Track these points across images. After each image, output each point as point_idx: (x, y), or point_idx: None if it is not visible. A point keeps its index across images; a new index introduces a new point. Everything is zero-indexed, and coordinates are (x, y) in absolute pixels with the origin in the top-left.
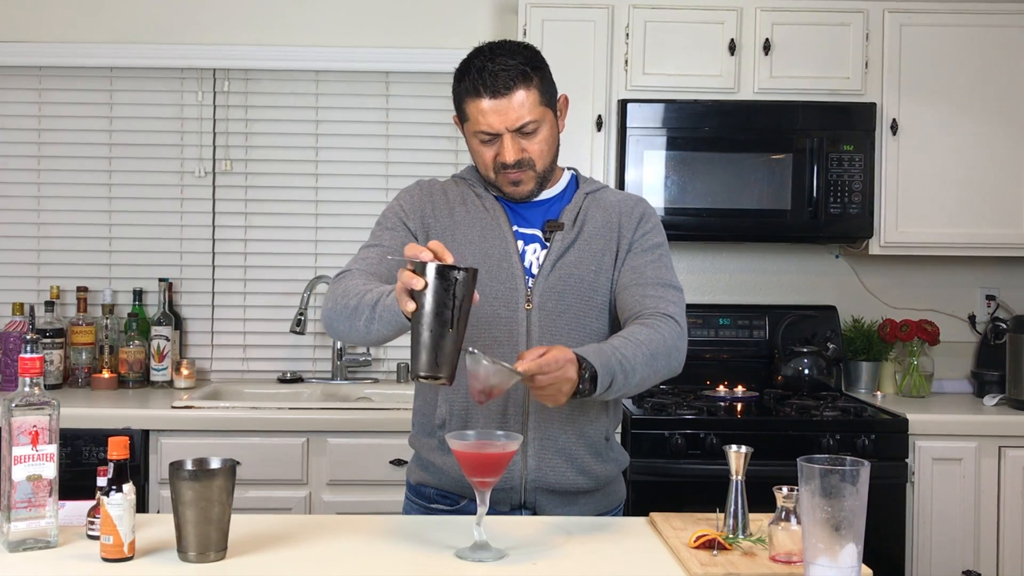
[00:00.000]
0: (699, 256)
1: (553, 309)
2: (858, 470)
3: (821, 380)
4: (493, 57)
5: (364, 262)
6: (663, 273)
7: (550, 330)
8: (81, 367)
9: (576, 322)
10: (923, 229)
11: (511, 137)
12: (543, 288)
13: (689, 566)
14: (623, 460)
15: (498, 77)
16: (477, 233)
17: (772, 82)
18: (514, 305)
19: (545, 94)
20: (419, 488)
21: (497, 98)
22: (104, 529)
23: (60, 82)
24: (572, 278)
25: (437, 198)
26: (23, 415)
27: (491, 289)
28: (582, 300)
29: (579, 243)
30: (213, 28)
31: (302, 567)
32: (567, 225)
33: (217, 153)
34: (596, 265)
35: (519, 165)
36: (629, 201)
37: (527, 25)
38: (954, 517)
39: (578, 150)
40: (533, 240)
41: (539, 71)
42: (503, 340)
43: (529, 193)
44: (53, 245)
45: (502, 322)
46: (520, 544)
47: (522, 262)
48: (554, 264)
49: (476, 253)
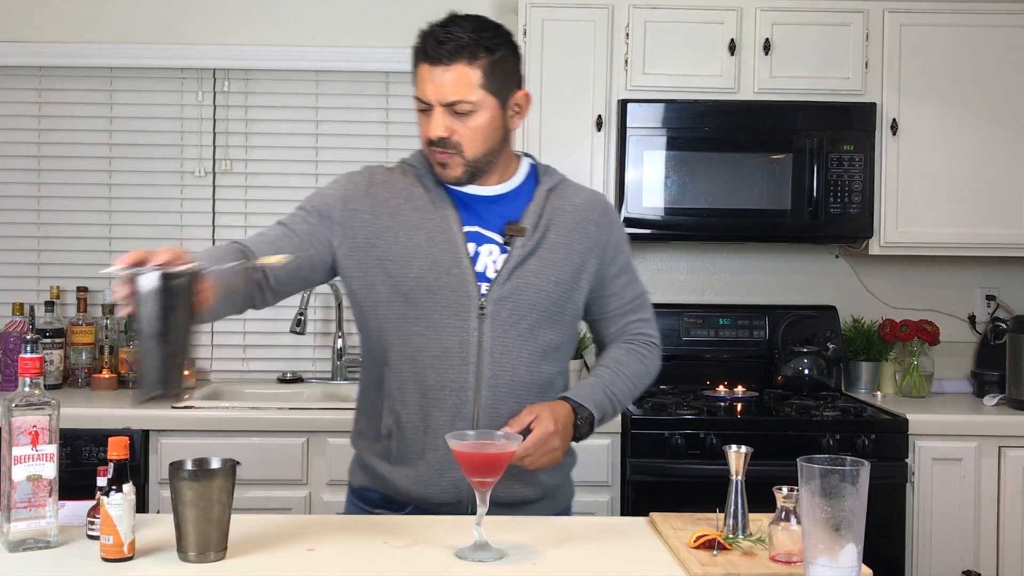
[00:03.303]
0: (699, 256)
1: (507, 319)
2: (858, 470)
3: (821, 380)
4: (449, 25)
5: (257, 237)
6: (636, 288)
7: (502, 340)
8: (81, 367)
9: (529, 333)
10: (923, 229)
11: (441, 111)
12: (498, 296)
13: (689, 566)
14: (571, 462)
15: (442, 45)
16: (424, 236)
17: (772, 82)
18: (465, 314)
19: (493, 79)
20: (362, 492)
21: (436, 66)
22: (104, 529)
23: (60, 82)
24: (530, 288)
25: (380, 194)
26: (23, 415)
27: (440, 297)
28: (537, 311)
29: (541, 251)
30: (213, 28)
31: (302, 567)
32: (529, 229)
33: (217, 153)
34: (557, 276)
35: (443, 144)
36: (596, 205)
37: (527, 25)
38: (954, 517)
39: (578, 150)
40: (487, 241)
41: (493, 53)
42: (453, 351)
43: (456, 179)
44: (53, 245)
45: (452, 332)
46: (520, 544)
47: (474, 266)
48: (512, 271)
49: (422, 258)
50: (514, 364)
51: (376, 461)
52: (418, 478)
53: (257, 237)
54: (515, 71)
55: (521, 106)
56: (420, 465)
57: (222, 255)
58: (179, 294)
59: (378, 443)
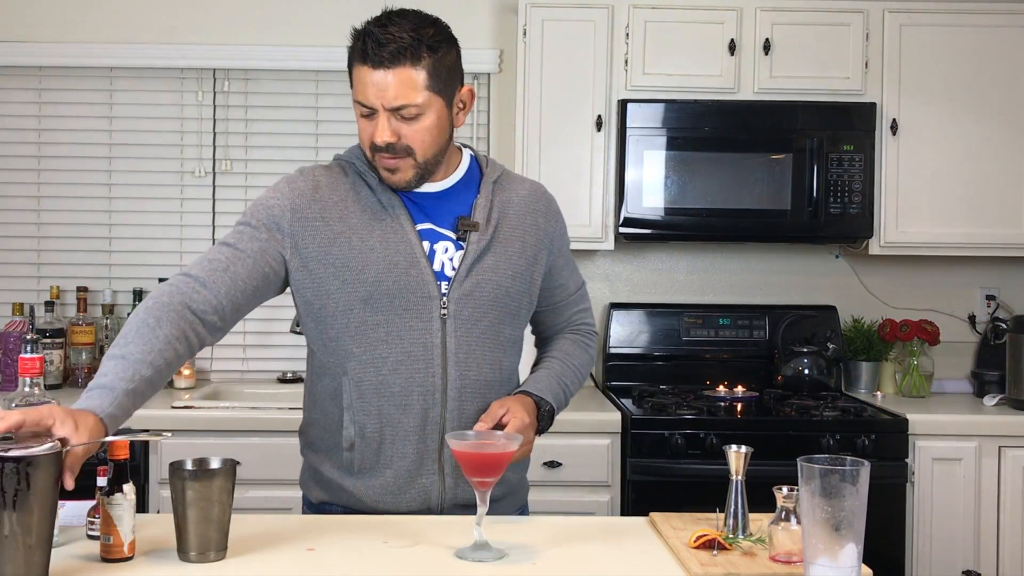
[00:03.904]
0: (699, 256)
1: (469, 317)
2: (858, 470)
3: (821, 380)
4: (387, 24)
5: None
6: (577, 276)
7: (466, 340)
8: (81, 367)
9: (491, 330)
10: (923, 229)
11: (387, 116)
12: (459, 294)
13: (689, 566)
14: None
15: (383, 48)
16: (378, 238)
17: (772, 82)
18: (428, 315)
19: (437, 79)
20: (322, 507)
21: (377, 69)
22: (104, 529)
23: (60, 82)
24: (490, 283)
25: (327, 198)
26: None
27: (401, 299)
28: (498, 306)
29: (496, 245)
30: (213, 28)
31: (302, 567)
32: (482, 224)
33: (217, 153)
34: (512, 270)
35: (392, 149)
36: (540, 196)
37: (527, 25)
38: (954, 517)
39: (578, 150)
40: (442, 238)
41: (436, 52)
42: (418, 355)
43: (407, 183)
44: (53, 245)
45: (415, 334)
46: (520, 544)
47: (431, 265)
48: (470, 268)
49: (379, 261)
50: (479, 363)
51: (336, 474)
52: (385, 488)
53: (207, 264)
54: (458, 67)
55: (466, 102)
56: (387, 475)
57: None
58: (37, 480)
59: (337, 455)
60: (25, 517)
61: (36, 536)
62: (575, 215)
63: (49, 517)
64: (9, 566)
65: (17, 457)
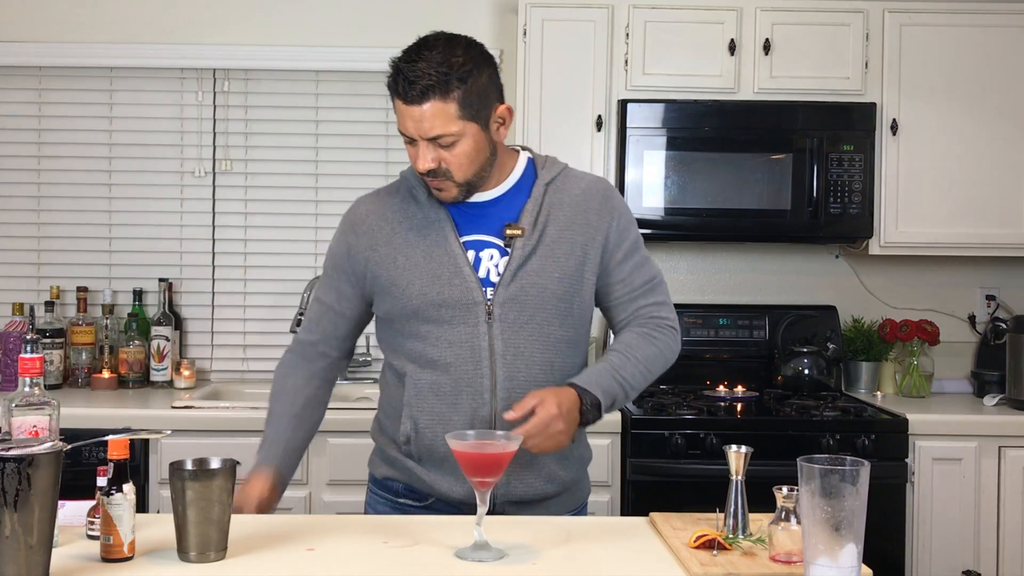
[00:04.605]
0: (699, 256)
1: (515, 320)
2: (858, 470)
3: (821, 380)
4: (416, 60)
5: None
6: (647, 271)
7: (513, 342)
8: (81, 367)
9: (540, 331)
10: (923, 229)
11: (426, 145)
12: (503, 299)
13: (689, 566)
14: (587, 457)
15: (413, 85)
16: (421, 254)
17: (772, 82)
18: (474, 320)
19: (469, 107)
20: (385, 482)
21: (411, 105)
22: (104, 529)
23: (60, 82)
24: (535, 287)
25: (373, 225)
26: (23, 415)
27: (447, 309)
28: (545, 309)
29: (541, 248)
30: (213, 28)
31: (302, 567)
32: (527, 229)
33: (217, 153)
34: (560, 272)
35: (433, 174)
36: (595, 193)
37: (527, 25)
38: (954, 517)
39: (578, 150)
40: (488, 246)
41: (465, 82)
42: (466, 357)
43: (454, 199)
44: (53, 245)
45: (464, 338)
46: (520, 544)
47: (476, 273)
48: (515, 273)
49: (424, 275)
50: (527, 363)
51: (399, 455)
52: (442, 477)
53: (308, 325)
54: (491, 87)
55: (505, 118)
56: (445, 466)
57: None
58: (38, 479)
59: (399, 443)
60: (26, 517)
61: (37, 536)
62: None
63: (50, 517)
64: (10, 566)
65: (18, 457)
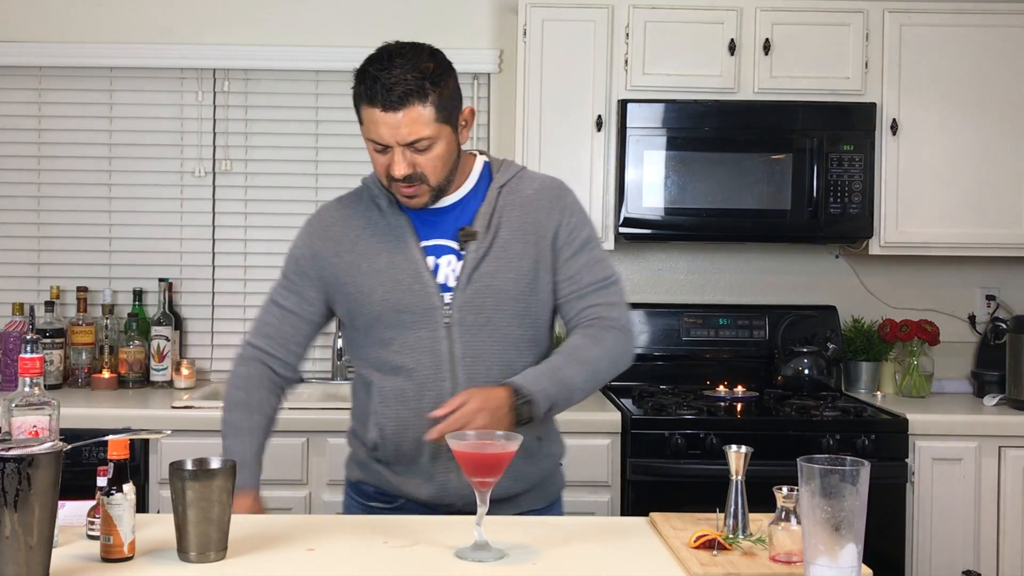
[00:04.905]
0: (699, 256)
1: (473, 323)
2: (858, 470)
3: (821, 380)
4: (390, 67)
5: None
6: (599, 271)
7: (472, 344)
8: (81, 367)
9: (498, 333)
10: (923, 229)
11: (402, 151)
12: (461, 302)
13: (689, 566)
14: (558, 453)
15: (392, 90)
16: (384, 260)
17: (772, 82)
18: (433, 325)
19: (443, 110)
20: (358, 485)
21: (389, 111)
22: (104, 529)
23: (60, 82)
24: (490, 289)
25: (338, 232)
26: (23, 415)
27: (407, 314)
28: (503, 310)
29: (494, 250)
30: (213, 28)
31: (302, 567)
32: (480, 232)
33: (217, 153)
34: (515, 272)
35: (409, 179)
36: (547, 193)
37: (527, 25)
38: (954, 517)
39: (578, 150)
40: (446, 252)
41: (438, 86)
42: (427, 362)
43: (424, 204)
44: (53, 245)
45: (424, 343)
46: (520, 544)
47: (435, 278)
48: (470, 276)
49: (385, 282)
50: (487, 365)
51: (368, 459)
52: (410, 479)
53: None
54: (458, 92)
55: (468, 120)
56: (412, 469)
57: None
58: (38, 479)
59: (368, 448)
60: (26, 517)
61: (37, 536)
62: None
63: (50, 517)
64: (11, 566)
65: (18, 456)
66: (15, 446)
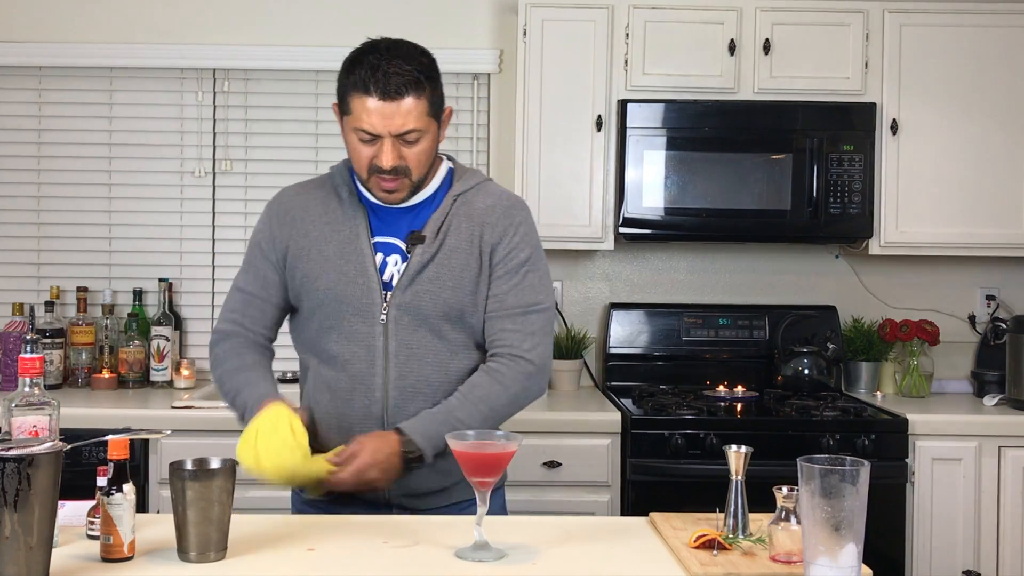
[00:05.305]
0: (699, 256)
1: (409, 324)
2: (858, 470)
3: (821, 380)
4: (390, 58)
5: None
6: (525, 295)
7: (407, 343)
8: (81, 367)
9: (433, 335)
10: (923, 229)
11: (391, 142)
12: (399, 303)
13: (689, 566)
14: None
15: (391, 79)
16: (333, 249)
17: (772, 82)
18: (371, 320)
19: (433, 105)
20: None
21: (386, 100)
22: (104, 529)
23: (60, 82)
24: (428, 294)
25: (296, 217)
26: (23, 415)
27: (348, 306)
28: (437, 315)
29: (439, 258)
30: (213, 28)
31: (302, 567)
32: (429, 237)
33: (217, 153)
34: (455, 281)
35: (395, 172)
36: (496, 210)
37: (527, 25)
38: (954, 517)
39: (578, 150)
40: (395, 251)
41: (432, 81)
42: (361, 356)
43: (402, 200)
44: (53, 245)
45: (360, 337)
46: (520, 544)
47: (380, 275)
48: (412, 279)
49: (332, 271)
50: (419, 365)
51: None
52: None
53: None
54: (443, 92)
55: (446, 120)
56: None
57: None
58: (38, 479)
59: None
60: (26, 517)
61: (37, 536)
62: (575, 215)
63: (50, 517)
64: (10, 566)
65: (18, 457)
66: (15, 446)
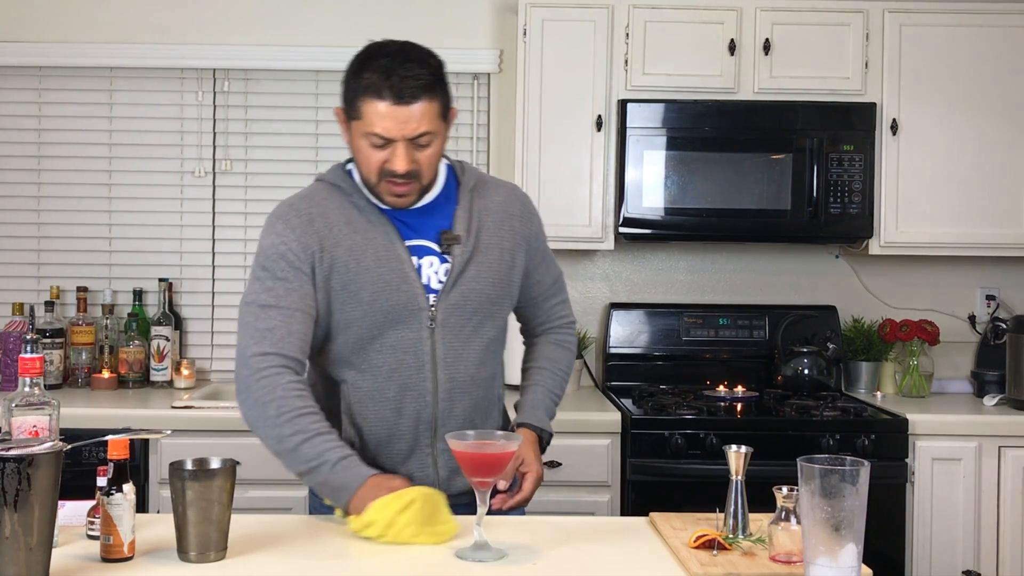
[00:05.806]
0: (699, 256)
1: (455, 325)
2: (858, 470)
3: (821, 380)
4: (402, 61)
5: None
6: (553, 271)
7: (454, 346)
8: (81, 367)
9: (476, 334)
10: (923, 229)
11: (405, 146)
12: (446, 305)
13: (689, 566)
14: None
15: (405, 83)
16: (371, 258)
17: (772, 82)
18: (417, 326)
19: (444, 108)
20: None
21: (400, 104)
22: (104, 529)
23: (60, 82)
24: (474, 292)
25: (321, 228)
26: (23, 415)
27: (394, 314)
28: (481, 312)
29: (477, 256)
30: (213, 28)
31: (302, 567)
32: (463, 236)
33: (217, 153)
34: (494, 276)
35: (408, 176)
36: (515, 200)
37: (527, 25)
38: (954, 517)
39: (578, 150)
40: (427, 252)
41: (442, 84)
42: (409, 362)
43: (410, 203)
44: (53, 245)
45: (407, 344)
46: (520, 544)
47: (420, 279)
48: (456, 280)
49: (374, 280)
50: (465, 364)
51: None
52: None
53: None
54: (451, 94)
55: (450, 122)
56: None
57: None
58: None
59: None
60: (26, 517)
61: (37, 536)
62: (575, 215)
63: (50, 517)
64: (10, 566)
65: (18, 457)
66: (15, 446)
